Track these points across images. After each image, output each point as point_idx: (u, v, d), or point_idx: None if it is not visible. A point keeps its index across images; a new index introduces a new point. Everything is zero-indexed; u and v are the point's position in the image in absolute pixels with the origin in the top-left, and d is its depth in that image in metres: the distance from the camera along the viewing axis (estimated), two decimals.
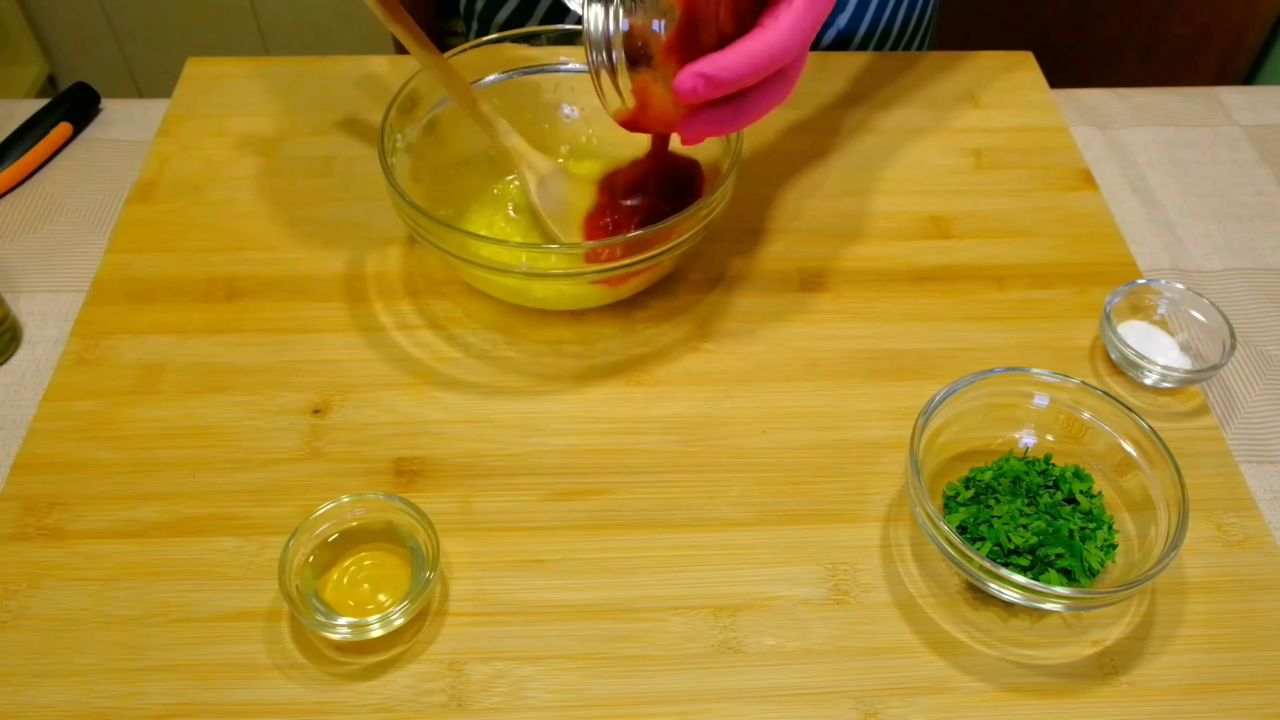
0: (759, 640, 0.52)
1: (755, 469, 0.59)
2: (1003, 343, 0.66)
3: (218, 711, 0.50)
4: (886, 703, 0.51)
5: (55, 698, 0.50)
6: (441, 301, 0.67)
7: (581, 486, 0.58)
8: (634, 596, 0.54)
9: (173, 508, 0.57)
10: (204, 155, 0.76)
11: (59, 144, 0.78)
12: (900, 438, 0.59)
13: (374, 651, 0.52)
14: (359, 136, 0.77)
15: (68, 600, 0.53)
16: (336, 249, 0.70)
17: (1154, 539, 0.53)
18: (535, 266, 0.60)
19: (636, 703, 0.50)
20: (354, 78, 0.82)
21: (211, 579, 0.54)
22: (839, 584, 0.55)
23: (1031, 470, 0.56)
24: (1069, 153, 0.78)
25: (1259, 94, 0.86)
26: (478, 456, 0.59)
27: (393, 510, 0.54)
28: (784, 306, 0.67)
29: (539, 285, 0.62)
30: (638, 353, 0.64)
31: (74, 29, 1.85)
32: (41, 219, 0.73)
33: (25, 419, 0.61)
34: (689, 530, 0.56)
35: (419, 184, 0.66)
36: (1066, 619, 0.54)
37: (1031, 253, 0.71)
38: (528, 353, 0.64)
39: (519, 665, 0.51)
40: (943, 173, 0.76)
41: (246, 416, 0.61)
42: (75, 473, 0.58)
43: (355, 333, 0.65)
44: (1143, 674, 0.52)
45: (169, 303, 0.66)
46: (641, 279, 0.64)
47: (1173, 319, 0.66)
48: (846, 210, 0.73)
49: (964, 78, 0.84)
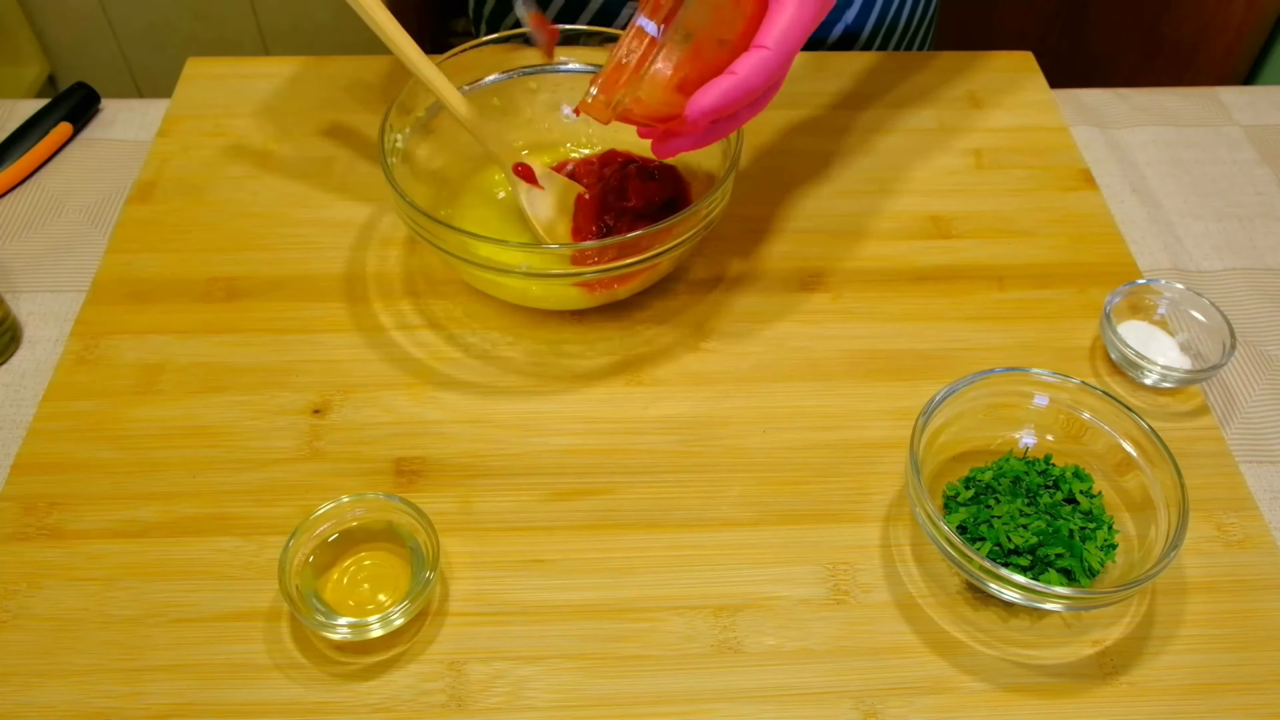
0: (759, 640, 0.52)
1: (755, 469, 0.59)
2: (1003, 343, 0.66)
3: (218, 711, 0.50)
4: (886, 703, 0.51)
5: (55, 698, 0.50)
6: (441, 301, 0.67)
7: (581, 486, 0.58)
8: (634, 596, 0.54)
9: (173, 508, 0.57)
10: (204, 155, 0.76)
11: (59, 144, 0.78)
12: (900, 438, 0.59)
13: (374, 651, 0.52)
14: (359, 137, 0.77)
15: (68, 600, 0.53)
16: (336, 249, 0.70)
17: (1154, 539, 0.53)
18: (534, 267, 0.60)
19: (636, 703, 0.50)
20: (354, 78, 0.82)
21: (211, 579, 0.54)
22: (839, 584, 0.55)
23: (1031, 470, 0.56)
24: (1069, 153, 0.78)
25: (1259, 94, 0.86)
26: (478, 456, 0.59)
27: (393, 510, 0.54)
28: (784, 306, 0.67)
29: (537, 285, 0.62)
30: (638, 353, 0.64)
31: (74, 29, 1.85)
32: (41, 219, 0.73)
33: (25, 419, 0.61)
34: (689, 530, 0.56)
35: (420, 183, 0.66)
36: (1066, 619, 0.54)
37: (1031, 253, 0.71)
38: (528, 353, 0.64)
39: (519, 665, 0.51)
40: (943, 173, 0.76)
41: (246, 416, 0.61)
42: (75, 473, 0.58)
43: (355, 333, 0.65)
44: (1143, 674, 0.52)
45: (169, 303, 0.66)
46: (640, 280, 0.64)
47: (1173, 319, 0.66)
48: (846, 210, 0.73)
49: (964, 78, 0.84)
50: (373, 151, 0.76)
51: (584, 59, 0.71)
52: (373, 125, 0.78)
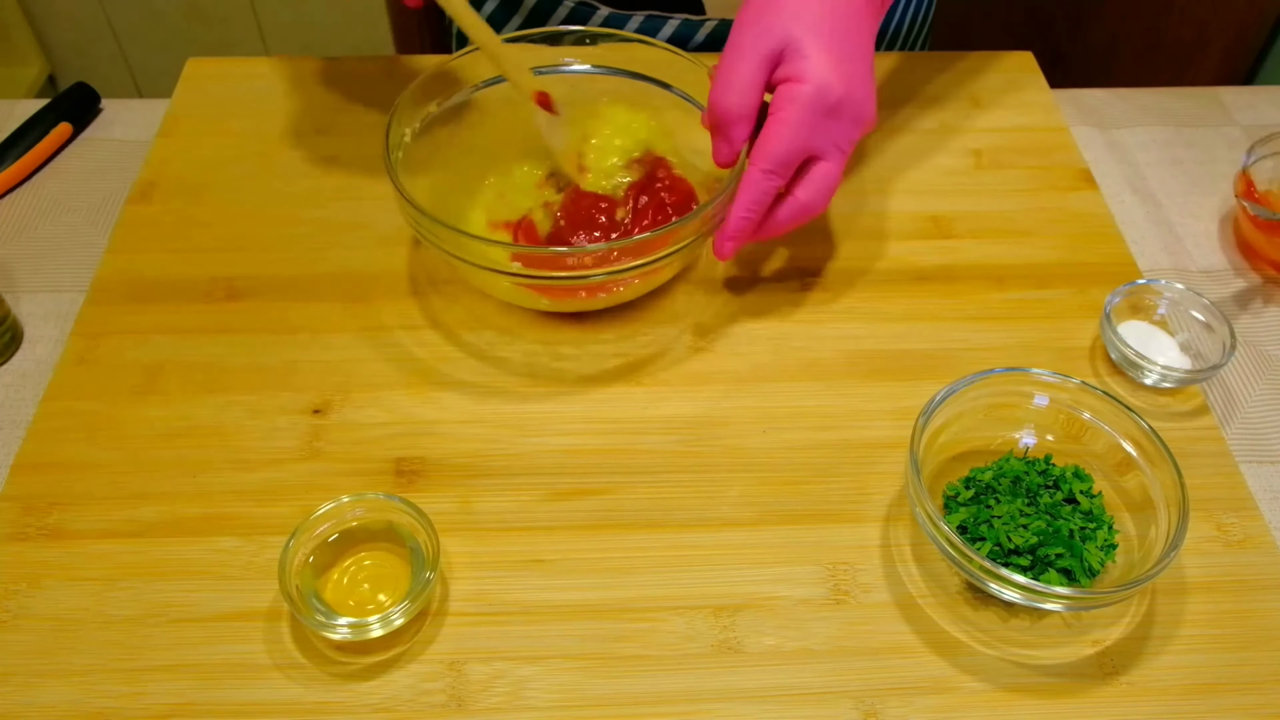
0: (759, 640, 0.52)
1: (755, 469, 0.59)
2: (1003, 343, 0.66)
3: (218, 711, 0.50)
4: (886, 703, 0.51)
5: (55, 698, 0.50)
6: (442, 301, 0.67)
7: (581, 486, 0.58)
8: (634, 596, 0.54)
9: (173, 508, 0.57)
10: (204, 155, 0.76)
11: (59, 144, 0.78)
12: (900, 438, 0.59)
13: (374, 651, 0.52)
14: (359, 136, 0.77)
15: (68, 600, 0.53)
16: (336, 249, 0.70)
17: (1154, 539, 0.53)
18: (527, 269, 0.60)
19: (636, 703, 0.50)
20: (354, 78, 0.82)
21: (211, 579, 0.54)
22: (839, 584, 0.55)
23: (1031, 470, 0.56)
24: (1069, 153, 0.78)
25: (1259, 94, 0.86)
26: (478, 456, 0.59)
27: (393, 510, 0.54)
28: (784, 306, 0.67)
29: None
30: (638, 353, 0.64)
31: (74, 29, 1.85)
32: (41, 219, 0.73)
33: (25, 419, 0.61)
34: (689, 530, 0.56)
35: (424, 176, 0.66)
36: (1066, 619, 0.54)
37: (1031, 253, 0.71)
38: (527, 353, 0.64)
39: (519, 665, 0.51)
40: (943, 173, 0.76)
41: (246, 416, 0.61)
42: (75, 473, 0.58)
43: (355, 333, 0.65)
44: (1143, 674, 0.52)
45: (169, 303, 0.66)
46: (644, 283, 0.64)
47: (1173, 319, 0.66)
48: (846, 210, 0.73)
49: (964, 78, 0.84)
50: (372, 151, 0.76)
51: (588, 60, 0.71)
52: (372, 125, 0.78)
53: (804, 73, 0.57)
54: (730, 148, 0.60)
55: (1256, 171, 0.72)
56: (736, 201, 0.59)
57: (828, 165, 0.60)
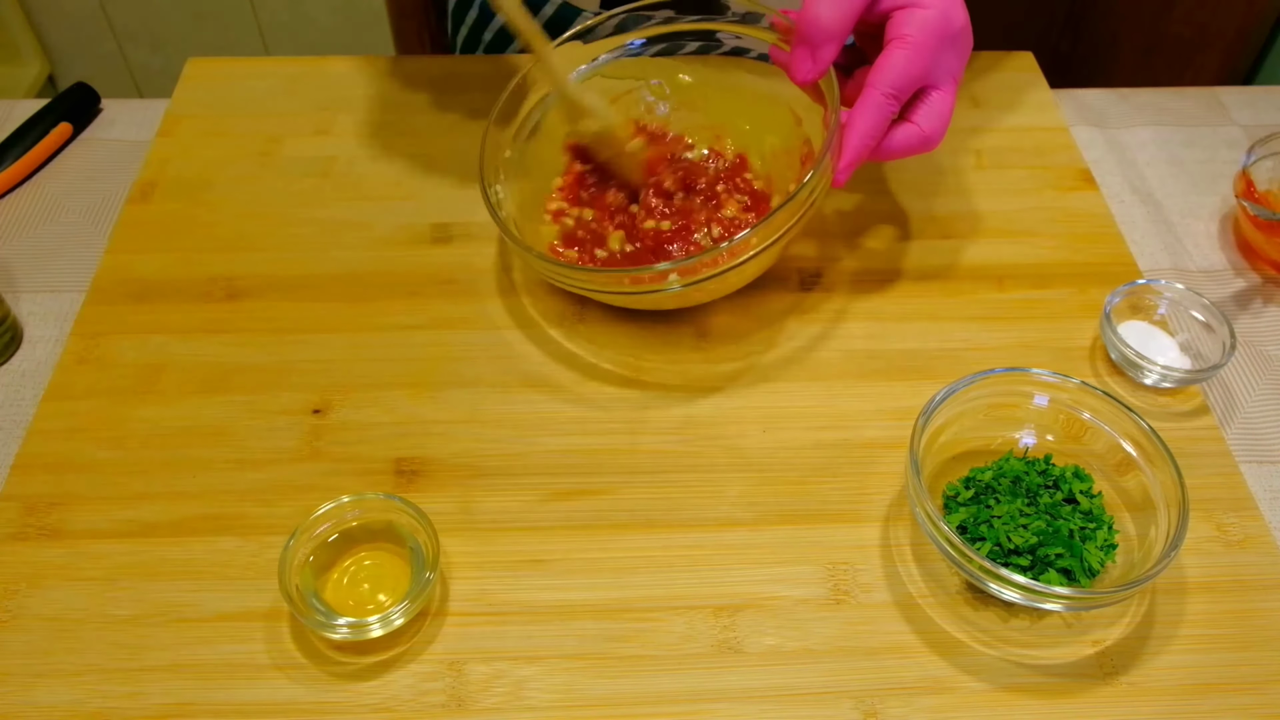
0: (759, 640, 0.52)
1: (755, 469, 0.59)
2: (1003, 343, 0.66)
3: (218, 711, 0.50)
4: (886, 703, 0.51)
5: (55, 698, 0.50)
6: (442, 301, 0.67)
7: (581, 486, 0.58)
8: (634, 596, 0.54)
9: (173, 508, 0.57)
10: (204, 155, 0.76)
11: (59, 144, 0.78)
12: (900, 438, 0.59)
13: (374, 651, 0.52)
14: (359, 136, 0.77)
15: (68, 600, 0.53)
16: (336, 249, 0.70)
17: (1154, 539, 0.53)
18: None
19: (636, 703, 0.50)
20: (354, 78, 0.82)
21: (211, 579, 0.54)
22: (839, 584, 0.55)
23: (1031, 470, 0.56)
24: (1069, 153, 0.78)
25: (1259, 94, 0.86)
26: (478, 456, 0.59)
27: (393, 510, 0.54)
28: (784, 306, 0.67)
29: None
30: (638, 353, 0.64)
31: (74, 29, 1.85)
32: (41, 219, 0.73)
33: (25, 419, 0.61)
34: (689, 530, 0.56)
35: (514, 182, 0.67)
36: (1066, 619, 0.54)
37: (1031, 253, 0.71)
38: (528, 353, 0.64)
39: (519, 665, 0.51)
40: (943, 173, 0.76)
41: (246, 416, 0.61)
42: (75, 473, 0.58)
43: (355, 333, 0.65)
44: (1143, 674, 0.52)
45: (169, 303, 0.66)
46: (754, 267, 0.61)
47: (1173, 319, 0.66)
48: (846, 210, 0.73)
49: (964, 78, 0.83)
50: (372, 151, 0.76)
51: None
52: (372, 125, 0.78)
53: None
54: (815, 66, 0.57)
55: (1256, 171, 0.72)
56: (852, 126, 0.57)
57: (943, 94, 0.58)
